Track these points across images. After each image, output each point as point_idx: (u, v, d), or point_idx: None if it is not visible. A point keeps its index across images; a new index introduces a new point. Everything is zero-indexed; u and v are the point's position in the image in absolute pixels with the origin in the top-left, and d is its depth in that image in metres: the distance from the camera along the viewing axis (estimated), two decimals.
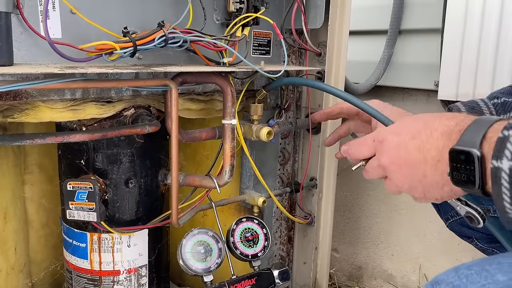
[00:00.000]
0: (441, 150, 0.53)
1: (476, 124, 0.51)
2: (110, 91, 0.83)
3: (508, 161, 0.45)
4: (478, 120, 0.52)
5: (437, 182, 0.55)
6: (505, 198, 0.46)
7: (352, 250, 1.59)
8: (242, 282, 0.92)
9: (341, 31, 1.02)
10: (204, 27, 0.87)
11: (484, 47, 1.12)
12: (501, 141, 0.46)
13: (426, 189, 0.57)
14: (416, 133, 0.57)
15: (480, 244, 0.95)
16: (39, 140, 0.75)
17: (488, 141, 0.49)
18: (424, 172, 0.56)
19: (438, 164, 0.54)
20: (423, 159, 0.55)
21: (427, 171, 0.55)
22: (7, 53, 0.68)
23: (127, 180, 0.89)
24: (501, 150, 0.46)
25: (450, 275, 0.48)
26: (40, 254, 1.08)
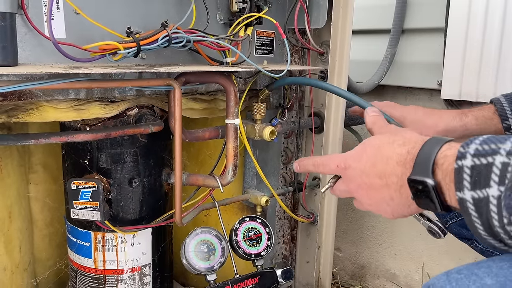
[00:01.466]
0: (400, 176, 0.56)
1: (425, 151, 0.54)
2: (114, 91, 0.83)
3: (469, 191, 0.47)
4: (426, 146, 0.54)
5: (403, 204, 0.58)
6: (478, 227, 0.48)
7: (355, 249, 1.59)
8: (245, 281, 0.92)
9: (344, 31, 1.02)
10: (207, 27, 0.88)
11: (487, 46, 1.11)
12: (458, 172, 0.48)
13: (395, 209, 0.60)
14: (375, 161, 0.59)
15: (479, 245, 0.95)
16: (44, 139, 0.76)
17: (440, 168, 0.51)
18: (390, 195, 0.58)
19: (401, 189, 0.57)
20: (386, 184, 0.58)
21: (392, 195, 0.58)
22: (11, 53, 0.68)
23: (131, 180, 0.90)
24: (460, 181, 0.48)
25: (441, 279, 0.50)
26: (45, 253, 1.09)
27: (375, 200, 0.61)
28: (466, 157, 0.48)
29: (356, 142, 1.46)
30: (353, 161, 0.63)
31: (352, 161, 0.63)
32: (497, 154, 0.46)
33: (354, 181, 0.62)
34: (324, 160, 0.68)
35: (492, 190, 0.45)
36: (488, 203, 0.45)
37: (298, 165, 0.73)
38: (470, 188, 0.47)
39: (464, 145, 0.50)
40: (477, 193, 0.46)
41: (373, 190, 0.60)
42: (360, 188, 0.62)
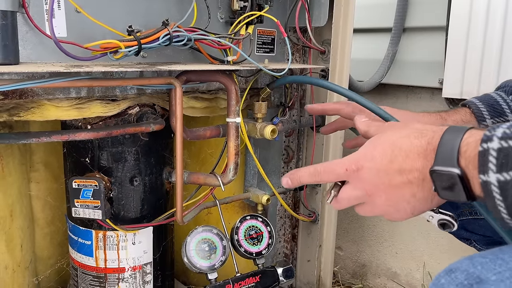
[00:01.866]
0: (421, 170, 0.54)
1: (446, 140, 0.52)
2: (115, 89, 0.83)
3: (494, 174, 0.46)
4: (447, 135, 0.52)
5: (426, 199, 0.56)
6: (501, 210, 0.47)
7: (356, 248, 1.59)
8: (247, 279, 0.92)
9: (345, 29, 1.02)
10: (208, 25, 0.88)
11: (489, 45, 1.11)
12: (483, 155, 0.47)
13: (416, 206, 0.57)
14: (392, 157, 0.56)
15: (478, 246, 0.95)
16: (45, 138, 0.76)
17: (463, 156, 0.50)
18: (412, 192, 0.56)
19: (424, 183, 0.54)
20: (408, 181, 0.55)
21: (414, 191, 0.56)
22: (13, 51, 0.68)
23: (132, 178, 0.90)
24: (485, 164, 0.47)
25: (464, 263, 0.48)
26: (46, 252, 1.09)
27: (395, 200, 0.57)
28: (493, 139, 0.47)
29: None
30: (365, 161, 0.58)
31: (365, 161, 0.58)
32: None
33: (369, 182, 0.58)
34: (326, 167, 0.62)
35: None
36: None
37: (288, 179, 0.66)
38: (496, 171, 0.46)
39: (490, 129, 0.48)
40: (503, 176, 0.45)
41: (393, 189, 0.56)
42: (377, 189, 0.58)
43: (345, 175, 0.60)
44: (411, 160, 0.54)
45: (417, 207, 0.57)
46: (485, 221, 0.87)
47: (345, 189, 0.61)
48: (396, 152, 0.56)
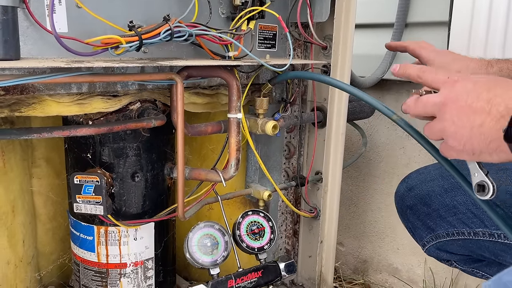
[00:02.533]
0: (509, 107, 0.53)
1: None
2: (116, 85, 0.83)
3: None
4: None
5: (488, 136, 0.55)
6: None
7: (357, 244, 1.59)
8: (249, 274, 0.93)
9: (347, 24, 1.01)
10: (209, 20, 0.87)
11: (492, 40, 1.11)
12: None
13: (473, 138, 0.56)
14: (492, 86, 0.56)
15: (459, 266, 0.95)
16: (46, 134, 0.76)
17: None
18: (483, 122, 0.55)
19: (501, 119, 0.54)
20: (488, 110, 0.55)
21: (486, 122, 0.55)
22: (14, 47, 0.68)
23: (134, 174, 0.90)
24: None
25: None
26: (48, 247, 1.10)
27: (462, 122, 0.57)
28: None
29: (359, 136, 1.46)
30: (468, 80, 0.59)
31: (468, 79, 0.59)
32: None
33: (456, 95, 0.58)
34: (431, 68, 0.65)
35: None
36: None
37: (398, 65, 0.69)
38: None
39: None
40: None
41: (469, 109, 0.56)
42: (456, 103, 0.58)
43: (443, 82, 0.62)
44: (508, 96, 0.54)
45: (474, 140, 0.57)
46: (463, 240, 0.87)
47: (431, 95, 0.62)
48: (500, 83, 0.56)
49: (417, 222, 0.94)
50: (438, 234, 0.90)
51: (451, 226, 0.88)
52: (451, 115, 0.58)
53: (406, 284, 1.46)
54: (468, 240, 0.86)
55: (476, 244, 0.85)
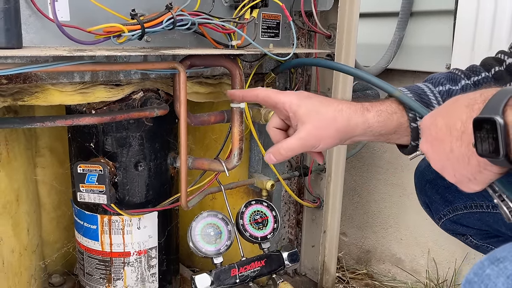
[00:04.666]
0: (465, 121, 0.52)
1: (499, 93, 0.50)
2: (119, 74, 0.83)
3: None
4: (502, 90, 0.50)
5: (463, 155, 0.53)
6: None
7: (360, 234, 1.60)
8: (252, 263, 0.93)
9: (351, 13, 1.00)
10: (212, 9, 0.87)
11: (498, 29, 1.09)
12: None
13: (455, 166, 0.55)
14: (445, 112, 0.56)
15: (475, 240, 0.94)
16: (49, 122, 0.76)
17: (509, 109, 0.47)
18: (451, 146, 0.54)
19: (463, 135, 0.52)
20: (449, 132, 0.54)
21: (453, 145, 0.54)
22: (16, 36, 0.68)
23: (137, 163, 0.90)
24: None
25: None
26: (53, 236, 1.10)
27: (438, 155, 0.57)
28: None
29: None
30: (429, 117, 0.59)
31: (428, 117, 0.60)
32: None
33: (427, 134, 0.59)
34: None
35: None
36: None
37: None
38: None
39: None
40: None
41: (437, 142, 0.56)
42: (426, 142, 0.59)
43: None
44: (458, 112, 0.53)
45: (456, 167, 0.55)
46: (481, 214, 0.86)
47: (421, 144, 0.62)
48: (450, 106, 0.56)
49: (435, 196, 0.93)
50: (456, 207, 0.89)
51: (470, 199, 0.87)
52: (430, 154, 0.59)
53: (409, 274, 1.46)
54: (486, 213, 0.85)
55: (493, 218, 0.84)
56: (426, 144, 0.59)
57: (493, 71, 0.79)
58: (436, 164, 0.58)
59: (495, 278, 0.43)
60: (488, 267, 0.44)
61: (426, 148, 0.59)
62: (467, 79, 0.80)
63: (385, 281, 1.49)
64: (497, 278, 0.43)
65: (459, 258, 1.33)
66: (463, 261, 1.32)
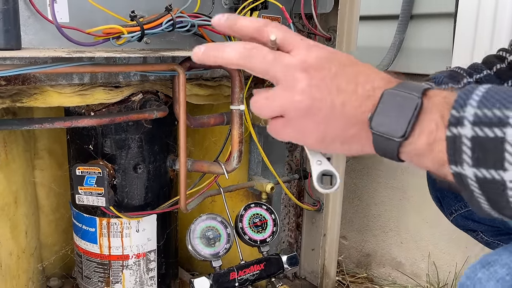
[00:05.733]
0: (375, 87, 0.45)
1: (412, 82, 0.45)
2: (118, 76, 0.82)
3: (470, 168, 0.39)
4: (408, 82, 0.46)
5: (350, 119, 0.45)
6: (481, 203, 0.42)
7: (360, 237, 1.59)
8: (251, 267, 0.92)
9: (351, 16, 1.00)
10: (212, 11, 0.86)
11: (498, 32, 1.09)
12: (453, 141, 0.40)
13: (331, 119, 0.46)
14: (356, 63, 0.47)
15: (485, 237, 0.93)
16: (48, 124, 0.76)
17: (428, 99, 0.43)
18: (347, 99, 0.45)
19: (367, 100, 0.45)
20: (353, 87, 0.45)
21: (350, 99, 0.45)
22: (14, 37, 0.68)
23: (136, 165, 0.89)
24: (458, 154, 0.40)
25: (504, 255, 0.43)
26: (51, 238, 1.10)
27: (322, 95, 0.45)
28: (464, 124, 0.39)
29: None
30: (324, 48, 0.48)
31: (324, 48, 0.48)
32: (506, 125, 0.37)
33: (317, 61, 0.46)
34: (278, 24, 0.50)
35: (509, 175, 0.37)
36: (504, 189, 0.38)
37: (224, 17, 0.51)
38: (472, 165, 0.39)
39: (457, 106, 0.40)
40: (482, 173, 0.39)
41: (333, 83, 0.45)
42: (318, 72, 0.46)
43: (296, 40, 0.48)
44: (372, 78, 0.46)
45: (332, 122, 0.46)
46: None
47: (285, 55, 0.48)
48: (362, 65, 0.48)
49: (447, 191, 0.92)
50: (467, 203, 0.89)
51: None
52: (308, 84, 0.45)
53: (409, 278, 1.45)
54: None
55: None
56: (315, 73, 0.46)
57: (495, 68, 0.79)
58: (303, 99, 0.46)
59: (485, 282, 0.43)
60: (480, 271, 0.44)
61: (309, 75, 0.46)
62: (469, 77, 0.80)
63: (385, 285, 1.48)
64: (487, 281, 0.43)
65: (459, 261, 1.32)
66: (463, 265, 1.31)
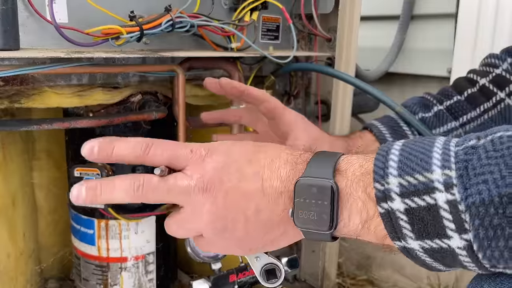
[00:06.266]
0: (284, 180, 0.42)
1: (321, 155, 0.43)
2: (117, 76, 0.82)
3: (414, 241, 0.38)
4: (321, 152, 0.44)
5: (272, 221, 0.43)
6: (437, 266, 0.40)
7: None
8: (251, 269, 0.92)
9: (352, 16, 1.00)
10: (211, 11, 0.86)
11: (499, 33, 1.09)
12: (388, 217, 0.38)
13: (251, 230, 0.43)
14: (253, 157, 0.44)
15: None
16: (46, 125, 0.75)
17: (342, 174, 0.41)
18: (260, 206, 0.42)
19: (280, 197, 0.42)
20: (261, 188, 0.42)
21: (263, 205, 0.42)
22: (13, 37, 0.67)
23: (134, 167, 0.89)
24: (398, 230, 0.38)
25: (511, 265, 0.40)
26: (49, 240, 1.09)
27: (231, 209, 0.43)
28: (392, 197, 0.37)
29: None
30: (221, 152, 0.45)
31: (220, 152, 0.45)
32: (434, 190, 0.35)
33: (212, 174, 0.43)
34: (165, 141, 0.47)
35: (455, 242, 0.35)
36: (455, 255, 0.36)
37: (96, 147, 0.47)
38: (416, 238, 0.37)
39: (378, 177, 0.37)
40: (427, 243, 0.37)
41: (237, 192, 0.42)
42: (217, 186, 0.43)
43: (185, 158, 0.45)
44: (276, 167, 0.43)
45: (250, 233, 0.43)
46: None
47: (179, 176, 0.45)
48: (261, 155, 0.44)
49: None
50: None
51: None
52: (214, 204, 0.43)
53: (410, 280, 1.45)
54: None
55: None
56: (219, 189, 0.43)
57: (465, 93, 0.77)
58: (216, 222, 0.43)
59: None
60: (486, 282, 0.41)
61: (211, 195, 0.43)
62: (440, 105, 0.79)
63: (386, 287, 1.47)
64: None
65: None
66: None
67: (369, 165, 0.40)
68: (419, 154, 0.37)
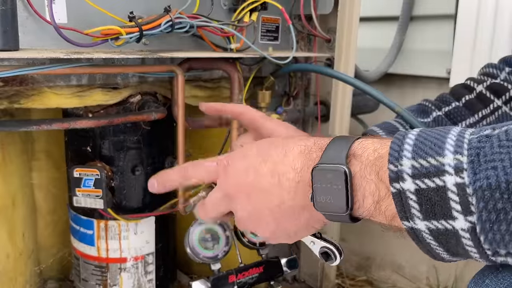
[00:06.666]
0: (300, 170, 0.46)
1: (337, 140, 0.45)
2: (116, 77, 0.82)
3: (422, 221, 0.39)
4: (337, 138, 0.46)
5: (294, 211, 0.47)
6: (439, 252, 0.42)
7: (360, 240, 1.58)
8: (250, 270, 0.92)
9: (351, 17, 1.00)
10: (211, 12, 0.86)
11: (499, 34, 1.09)
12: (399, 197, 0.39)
13: (280, 220, 0.48)
14: (266, 156, 0.48)
15: None
16: (46, 126, 0.75)
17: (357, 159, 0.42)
18: (281, 198, 0.46)
19: (298, 186, 0.46)
20: (278, 183, 0.46)
21: (283, 197, 0.46)
22: (12, 38, 0.67)
23: (134, 167, 0.89)
24: (407, 209, 0.39)
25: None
26: (48, 241, 1.09)
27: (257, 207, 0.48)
28: (404, 178, 0.38)
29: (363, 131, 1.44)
30: (235, 157, 0.50)
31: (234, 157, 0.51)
32: (444, 173, 0.36)
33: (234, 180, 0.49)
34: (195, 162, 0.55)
35: (459, 223, 0.36)
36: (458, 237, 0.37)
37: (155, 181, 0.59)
38: (423, 218, 0.38)
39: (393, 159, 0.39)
40: (434, 224, 0.38)
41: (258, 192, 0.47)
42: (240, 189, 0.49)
43: (215, 170, 0.52)
44: (290, 159, 0.46)
45: (281, 221, 0.48)
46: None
47: (213, 192, 0.53)
48: (273, 151, 0.48)
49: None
50: None
51: None
52: (242, 205, 0.49)
53: (409, 281, 1.45)
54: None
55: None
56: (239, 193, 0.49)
57: (463, 100, 0.78)
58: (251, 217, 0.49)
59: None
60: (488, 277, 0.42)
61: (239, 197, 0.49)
62: (438, 110, 0.79)
63: None
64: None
65: (460, 264, 1.31)
66: (464, 267, 1.31)
67: (383, 150, 0.42)
68: (434, 140, 0.38)
